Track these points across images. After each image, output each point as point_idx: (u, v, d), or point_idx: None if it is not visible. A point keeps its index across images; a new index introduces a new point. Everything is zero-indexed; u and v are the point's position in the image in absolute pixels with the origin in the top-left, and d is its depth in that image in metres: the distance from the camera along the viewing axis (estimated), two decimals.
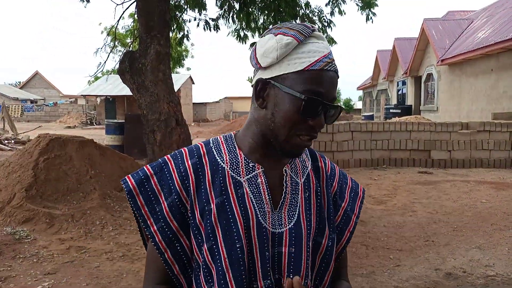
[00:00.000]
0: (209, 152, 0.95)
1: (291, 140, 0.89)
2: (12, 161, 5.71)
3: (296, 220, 0.93)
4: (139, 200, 0.92)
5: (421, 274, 3.86)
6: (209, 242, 0.88)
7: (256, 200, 0.91)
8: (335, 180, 1.05)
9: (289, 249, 0.91)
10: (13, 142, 14.69)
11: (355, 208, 1.07)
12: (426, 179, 8.70)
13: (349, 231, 1.04)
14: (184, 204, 0.91)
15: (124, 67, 5.52)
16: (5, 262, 3.89)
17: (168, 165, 0.94)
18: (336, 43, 8.21)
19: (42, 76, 44.82)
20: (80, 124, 28.84)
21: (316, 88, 0.86)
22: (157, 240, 0.90)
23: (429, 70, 18.21)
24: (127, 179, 0.94)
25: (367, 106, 31.75)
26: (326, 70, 0.87)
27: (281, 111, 0.87)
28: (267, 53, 0.88)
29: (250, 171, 0.93)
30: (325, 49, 0.89)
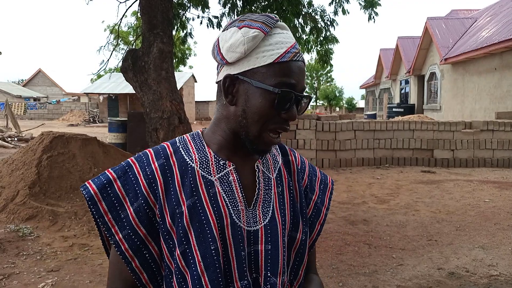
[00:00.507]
0: (176, 151, 0.91)
1: (262, 136, 0.87)
2: (16, 159, 5.73)
3: (271, 216, 0.91)
4: (102, 207, 0.86)
5: (424, 273, 3.85)
6: (182, 246, 0.84)
7: (229, 198, 0.88)
8: (305, 174, 1.04)
9: (265, 247, 0.88)
10: (16, 140, 14.73)
11: (325, 200, 1.06)
12: (429, 178, 8.68)
13: (320, 224, 1.04)
14: (152, 208, 0.86)
15: (127, 65, 5.52)
16: (9, 259, 3.91)
17: (132, 168, 0.89)
18: (339, 42, 8.20)
19: (45, 74, 44.91)
20: (83, 122, 28.90)
21: (288, 80, 0.84)
22: (123, 249, 0.85)
23: (432, 69, 18.15)
24: (87, 185, 0.88)
25: (370, 105, 31.69)
26: (295, 60, 0.85)
27: (253, 107, 0.85)
28: (234, 47, 0.84)
29: (221, 169, 0.89)
30: (291, 39, 0.88)
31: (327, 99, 52.52)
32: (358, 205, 6.41)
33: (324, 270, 3.88)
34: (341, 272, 3.85)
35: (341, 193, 7.17)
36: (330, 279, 3.69)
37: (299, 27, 8.11)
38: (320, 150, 9.89)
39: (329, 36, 7.98)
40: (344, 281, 3.66)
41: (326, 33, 8.00)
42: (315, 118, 10.02)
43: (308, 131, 9.83)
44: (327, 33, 8.02)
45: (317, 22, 8.03)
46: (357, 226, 5.28)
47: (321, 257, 4.21)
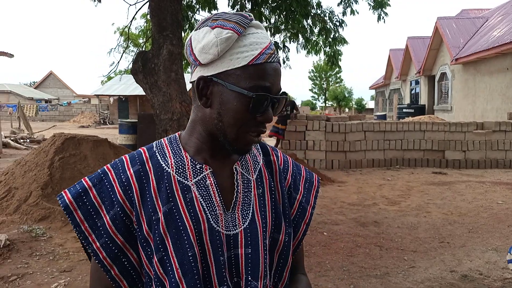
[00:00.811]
0: (153, 156, 0.89)
1: (241, 137, 0.86)
2: (28, 160, 5.79)
3: (251, 219, 0.89)
4: (78, 216, 0.84)
5: (436, 276, 3.81)
6: (159, 253, 0.83)
7: (206, 203, 0.86)
8: (288, 173, 1.01)
9: (246, 250, 0.87)
10: (28, 141, 14.91)
11: (310, 199, 1.03)
12: (440, 180, 8.60)
13: (305, 223, 1.01)
14: (128, 215, 0.85)
15: (137, 67, 5.56)
16: (22, 260, 3.95)
17: (108, 175, 0.87)
18: (348, 43, 8.17)
19: (56, 76, 45.39)
20: (94, 123, 29.16)
21: (263, 83, 0.83)
22: (101, 257, 0.84)
23: (443, 69, 17.99)
24: (63, 194, 0.87)
25: (380, 105, 31.49)
26: (270, 62, 0.84)
27: (229, 110, 0.83)
28: (207, 49, 0.82)
29: (197, 173, 0.88)
30: (266, 40, 0.85)
31: (336, 100, 52.34)
32: (368, 206, 6.37)
33: (335, 272, 3.86)
34: (352, 274, 3.83)
35: (351, 195, 7.13)
36: (341, 281, 3.67)
37: (308, 28, 8.10)
38: (329, 151, 9.85)
39: (337, 37, 7.95)
40: (355, 283, 3.64)
41: (335, 34, 7.98)
42: (324, 119, 9.99)
43: (318, 132, 9.80)
44: (336, 34, 8.00)
45: (326, 23, 8.02)
46: (367, 228, 5.24)
47: (332, 259, 4.19)
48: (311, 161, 9.75)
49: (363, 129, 10.07)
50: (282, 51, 8.44)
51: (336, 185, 7.98)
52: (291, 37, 8.33)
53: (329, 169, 9.71)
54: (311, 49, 8.44)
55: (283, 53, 8.49)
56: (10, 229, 4.60)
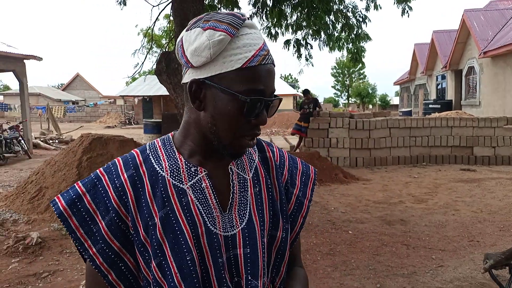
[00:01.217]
0: (146, 160, 0.88)
1: (235, 142, 0.85)
2: (58, 160, 5.96)
3: (248, 219, 0.88)
4: (73, 222, 0.83)
5: (466, 275, 3.71)
6: (157, 259, 0.82)
7: (202, 206, 0.85)
8: (285, 168, 1.00)
9: (244, 250, 0.87)
10: (57, 142, 15.34)
11: (307, 192, 1.02)
12: (469, 177, 8.37)
13: (302, 217, 1.01)
14: (124, 221, 0.83)
15: (161, 68, 5.64)
16: (53, 257, 4.08)
17: (101, 180, 0.86)
18: (371, 39, 8.02)
19: (83, 78, 46.51)
20: (119, 123, 29.74)
21: (257, 86, 0.81)
22: (98, 263, 0.83)
23: (471, 63, 17.48)
24: (57, 200, 0.85)
25: (405, 101, 30.89)
26: (264, 64, 0.82)
27: (222, 114, 0.82)
28: (199, 51, 0.80)
29: (192, 176, 0.86)
30: (259, 40, 0.83)
31: (360, 97, 51.67)
32: (394, 204, 6.27)
33: (361, 271, 3.82)
34: (379, 273, 3.77)
35: (377, 193, 7.03)
36: (367, 280, 3.63)
37: (330, 24, 8.01)
38: (353, 148, 9.73)
39: (361, 34, 7.83)
40: (381, 282, 3.59)
41: (358, 30, 7.86)
42: (348, 116, 9.88)
43: (341, 130, 9.70)
44: (359, 30, 7.88)
45: (348, 18, 7.91)
46: (394, 226, 5.16)
47: (358, 257, 4.14)
48: (335, 158, 9.66)
49: (388, 126, 9.90)
50: (304, 48, 8.37)
51: (361, 183, 7.88)
52: (313, 34, 8.26)
53: (353, 167, 9.60)
54: (333, 46, 8.33)
55: (305, 50, 8.42)
56: (42, 227, 4.76)
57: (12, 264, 3.88)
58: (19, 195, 5.63)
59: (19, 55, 12.24)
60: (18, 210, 5.29)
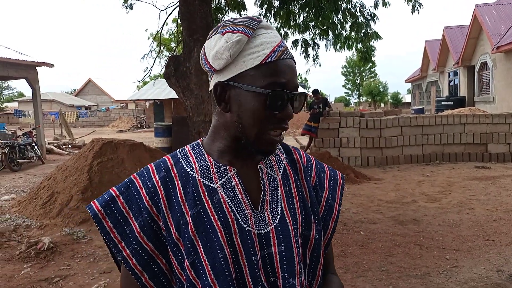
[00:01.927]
0: (177, 163, 0.90)
1: (262, 137, 0.86)
2: (69, 165, 6.02)
3: (281, 217, 0.89)
4: (107, 224, 0.85)
5: (482, 276, 3.63)
6: (191, 257, 0.83)
7: (234, 204, 0.86)
8: (313, 171, 1.01)
9: (279, 248, 0.86)
10: (70, 147, 15.53)
11: (336, 196, 1.03)
12: (483, 174, 8.22)
13: (333, 221, 1.01)
14: (156, 221, 0.85)
15: (169, 71, 5.65)
16: (65, 261, 4.11)
17: (134, 183, 0.88)
18: (381, 38, 7.93)
19: (95, 83, 47.02)
20: (131, 127, 29.99)
21: (277, 80, 0.83)
22: (132, 264, 0.84)
23: (483, 58, 17.20)
24: (92, 204, 0.88)
25: (417, 99, 30.54)
26: (283, 59, 0.85)
27: (247, 111, 0.84)
28: (219, 54, 0.85)
29: (222, 175, 0.88)
30: (276, 38, 0.87)
31: (371, 95, 51.25)
32: (407, 204, 6.18)
33: (373, 272, 3.76)
34: (391, 274, 3.71)
35: (389, 192, 6.94)
36: (380, 281, 3.57)
37: (338, 24, 7.95)
38: (365, 148, 9.64)
39: (369, 33, 7.74)
40: (394, 283, 3.53)
41: (366, 29, 7.78)
42: (358, 115, 9.79)
43: (352, 129, 9.62)
44: (368, 29, 7.80)
45: (357, 17, 7.83)
46: (406, 226, 5.08)
47: (370, 259, 4.08)
48: (346, 158, 9.58)
49: (400, 124, 9.79)
50: (311, 48, 8.32)
51: (373, 182, 7.79)
52: (321, 34, 8.20)
53: (365, 166, 9.50)
54: (342, 45, 8.26)
55: (313, 50, 8.36)
56: (53, 232, 4.80)
57: (25, 269, 3.92)
58: (32, 200, 5.69)
59: (31, 62, 12.42)
60: (30, 215, 5.35)
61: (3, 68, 11.68)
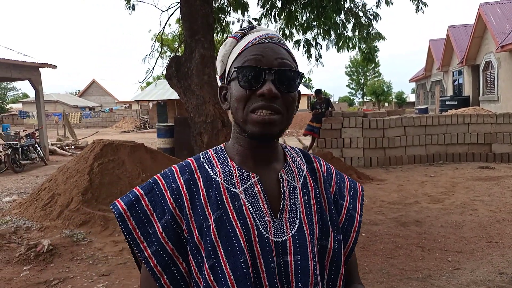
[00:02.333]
0: (201, 166, 0.92)
1: (247, 119, 0.86)
2: (70, 167, 6.01)
3: (298, 226, 0.89)
4: (131, 223, 0.86)
5: (484, 278, 3.58)
6: (210, 260, 0.83)
7: (255, 210, 0.87)
8: (333, 180, 1.02)
9: (295, 257, 0.87)
10: (73, 148, 15.56)
11: (357, 206, 1.03)
12: (487, 175, 8.15)
13: (355, 231, 1.01)
14: (178, 223, 0.86)
15: (171, 72, 5.63)
16: (64, 264, 4.09)
17: (159, 184, 0.90)
18: (385, 39, 7.85)
19: (99, 84, 47.16)
20: (135, 128, 30.04)
21: (248, 58, 0.86)
22: (152, 265, 0.85)
23: (488, 57, 17.07)
24: (117, 203, 0.89)
25: (421, 98, 30.38)
26: (260, 43, 0.87)
27: (232, 98, 0.89)
28: (217, 61, 0.94)
29: (245, 181, 0.89)
30: (263, 32, 0.91)
31: (375, 95, 51.06)
32: (410, 205, 6.13)
33: (374, 275, 3.72)
34: (392, 277, 3.67)
35: (391, 193, 6.89)
36: (380, 284, 3.53)
37: (340, 24, 7.89)
38: (367, 148, 9.58)
39: (372, 33, 7.68)
40: (395, 286, 3.48)
41: (368, 29, 7.71)
42: (361, 116, 9.73)
43: (354, 129, 9.56)
44: (370, 28, 7.73)
45: (359, 17, 7.78)
46: (409, 228, 5.03)
47: (371, 261, 4.04)
48: (348, 159, 9.53)
49: (403, 124, 9.73)
50: (314, 48, 8.27)
51: (375, 183, 7.74)
52: (323, 34, 8.15)
53: (368, 167, 9.45)
54: (343, 45, 8.19)
55: (315, 50, 8.31)
56: (53, 234, 4.79)
57: (24, 272, 3.91)
58: (33, 202, 5.69)
59: (34, 64, 12.46)
60: (31, 217, 5.35)
61: (7, 70, 11.72)
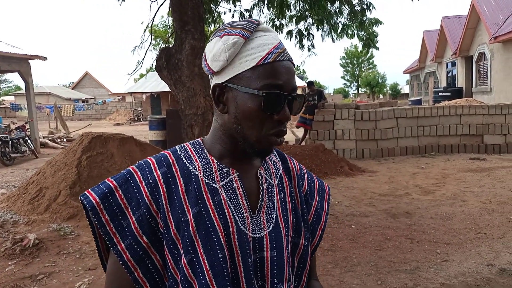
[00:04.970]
0: (178, 160, 0.90)
1: (261, 139, 0.86)
2: (58, 160, 5.94)
3: (275, 223, 0.91)
4: (104, 217, 0.84)
5: (472, 270, 3.58)
6: (189, 255, 0.82)
7: (234, 206, 0.87)
8: (305, 180, 1.04)
9: (271, 253, 0.88)
10: (65, 140, 15.42)
11: (324, 205, 1.06)
12: (478, 166, 8.17)
13: (321, 229, 1.04)
14: (154, 218, 0.84)
15: (161, 64, 5.55)
16: (50, 258, 4.05)
17: (134, 176, 0.87)
18: (383, 23, 7.77)
19: (92, 76, 46.70)
20: (128, 120, 29.85)
21: (273, 81, 0.83)
22: (126, 259, 0.83)
23: (481, 49, 17.06)
24: (88, 194, 0.86)
25: (415, 90, 30.41)
26: (279, 60, 0.85)
27: (244, 113, 0.85)
28: (217, 56, 0.86)
29: (224, 176, 0.89)
30: (274, 40, 0.87)
31: (370, 87, 51.05)
32: (400, 196, 6.13)
33: (362, 267, 3.71)
34: (380, 269, 3.66)
35: (383, 185, 6.89)
36: (368, 277, 3.52)
37: (334, 14, 7.81)
38: (360, 140, 9.57)
39: (366, 21, 7.60)
40: (383, 278, 3.48)
41: (362, 18, 7.64)
42: (353, 107, 9.70)
43: (347, 121, 9.54)
44: (364, 18, 7.66)
45: (353, 6, 7.69)
46: (398, 220, 5.03)
47: (360, 253, 4.03)
48: (341, 150, 9.51)
49: (395, 116, 9.71)
50: (306, 39, 8.20)
51: (367, 175, 7.73)
52: (317, 24, 8.06)
53: (360, 159, 9.44)
54: (340, 34, 8.08)
55: (308, 41, 8.24)
56: (41, 228, 4.73)
57: (9, 266, 3.86)
58: (21, 195, 5.62)
59: (24, 56, 12.27)
60: (19, 211, 5.28)
61: None
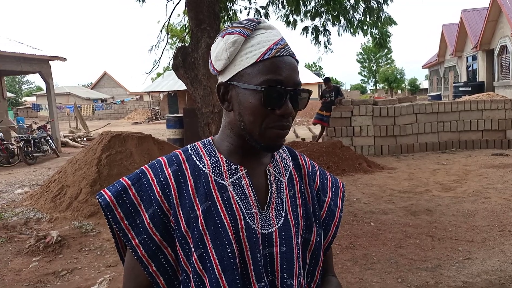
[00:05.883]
0: (189, 158, 0.93)
1: (265, 134, 0.87)
2: (79, 159, 6.05)
3: (284, 219, 0.92)
4: (118, 214, 0.88)
5: (495, 268, 3.50)
6: (199, 250, 0.85)
7: (242, 202, 0.89)
8: (316, 176, 1.05)
9: (281, 249, 0.90)
10: (85, 140, 15.71)
11: (338, 202, 1.07)
12: (501, 162, 7.98)
13: (335, 225, 1.04)
14: (166, 214, 0.87)
15: (177, 62, 5.58)
16: (72, 255, 4.13)
17: (146, 175, 0.91)
18: (396, 23, 7.67)
19: (110, 76, 47.44)
20: (146, 119, 30.19)
21: (273, 77, 0.85)
22: (140, 254, 0.87)
23: (503, 42, 16.63)
24: (103, 193, 0.90)
25: (434, 85, 29.86)
26: (279, 56, 0.86)
27: (246, 109, 0.87)
28: (219, 55, 0.89)
29: (233, 173, 0.91)
30: (274, 37, 0.88)
31: (387, 82, 50.37)
32: (420, 193, 6.03)
33: (382, 265, 3.67)
34: (401, 267, 3.61)
35: (402, 181, 6.79)
36: (388, 274, 3.48)
37: (351, 9, 7.73)
38: (378, 136, 9.45)
39: (383, 18, 7.49)
40: (403, 276, 3.43)
41: (379, 13, 7.53)
42: (371, 103, 9.59)
43: (365, 117, 9.43)
44: (381, 13, 7.55)
45: (369, 1, 7.60)
46: (419, 217, 4.95)
47: (379, 251, 3.99)
48: (359, 147, 9.42)
49: (414, 112, 9.56)
50: (323, 35, 8.13)
51: (386, 171, 7.64)
52: (333, 20, 7.99)
53: (378, 155, 9.33)
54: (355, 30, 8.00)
55: (324, 37, 8.17)
56: (63, 225, 4.84)
57: (33, 262, 3.96)
58: (43, 194, 5.75)
59: (44, 57, 12.54)
60: (41, 208, 5.41)
61: (17, 63, 11.82)
